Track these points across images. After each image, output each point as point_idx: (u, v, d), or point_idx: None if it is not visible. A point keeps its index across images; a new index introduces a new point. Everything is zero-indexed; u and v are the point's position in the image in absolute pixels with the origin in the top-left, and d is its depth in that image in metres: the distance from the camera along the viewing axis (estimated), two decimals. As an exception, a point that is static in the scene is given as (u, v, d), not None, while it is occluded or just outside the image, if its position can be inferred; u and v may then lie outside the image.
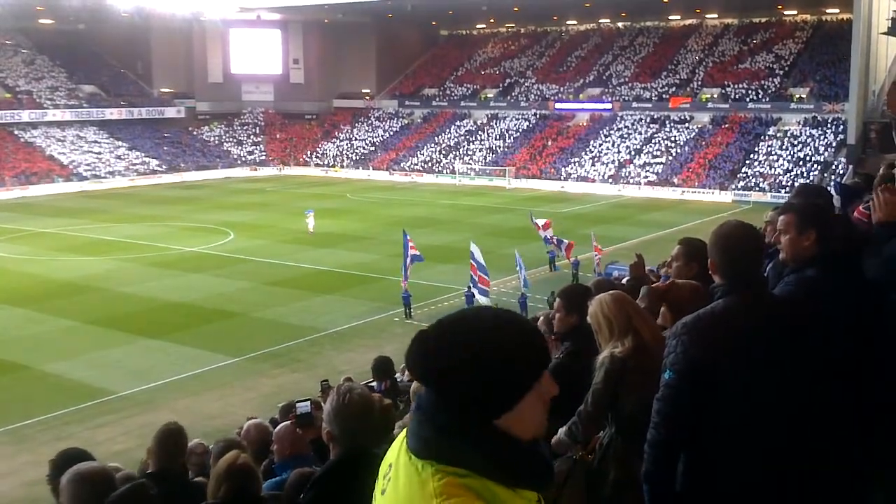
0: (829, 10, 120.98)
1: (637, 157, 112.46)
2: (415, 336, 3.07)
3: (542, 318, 13.04)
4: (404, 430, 3.18)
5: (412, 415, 3.17)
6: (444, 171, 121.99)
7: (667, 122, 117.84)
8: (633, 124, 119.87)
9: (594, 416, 6.63)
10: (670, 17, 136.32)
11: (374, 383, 17.53)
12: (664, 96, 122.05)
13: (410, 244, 51.23)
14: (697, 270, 7.76)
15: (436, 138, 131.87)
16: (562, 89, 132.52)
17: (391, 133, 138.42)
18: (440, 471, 2.91)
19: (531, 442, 3.05)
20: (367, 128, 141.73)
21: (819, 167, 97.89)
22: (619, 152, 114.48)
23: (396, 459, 3.10)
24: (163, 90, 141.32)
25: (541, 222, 59.58)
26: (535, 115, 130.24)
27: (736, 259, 5.40)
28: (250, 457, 8.46)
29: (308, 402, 9.02)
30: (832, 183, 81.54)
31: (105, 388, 39.09)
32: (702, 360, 5.14)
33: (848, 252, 6.21)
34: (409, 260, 50.95)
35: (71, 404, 37.12)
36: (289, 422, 10.39)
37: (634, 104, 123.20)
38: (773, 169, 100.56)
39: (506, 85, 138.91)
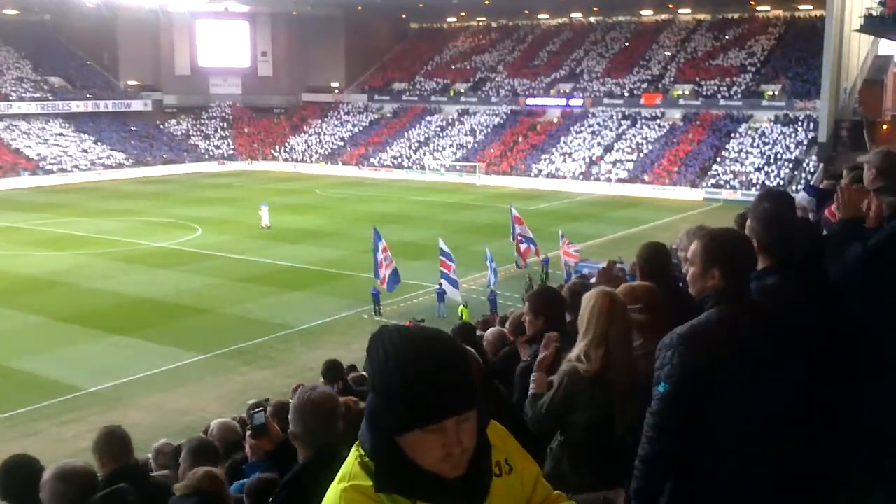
0: (801, 7, 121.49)
1: (608, 153, 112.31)
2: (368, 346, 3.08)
3: (510, 319, 12.97)
4: None
5: None
6: (414, 167, 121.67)
7: (638, 118, 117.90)
8: (604, 121, 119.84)
9: (543, 423, 6.53)
10: (642, 12, 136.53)
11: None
12: (636, 92, 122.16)
13: (382, 245, 50.71)
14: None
15: (406, 133, 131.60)
16: (533, 84, 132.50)
17: (360, 128, 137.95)
18: (362, 458, 3.07)
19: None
20: (336, 122, 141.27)
21: (790, 165, 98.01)
22: (590, 148, 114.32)
23: None
24: (129, 83, 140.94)
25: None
26: (506, 110, 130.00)
27: (735, 269, 5.25)
28: (195, 454, 8.48)
29: (262, 412, 8.75)
30: (802, 182, 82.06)
31: (73, 385, 38.96)
32: (699, 371, 5.01)
33: (809, 257, 6.10)
34: (381, 263, 50.50)
35: (38, 401, 36.99)
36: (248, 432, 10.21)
37: (606, 100, 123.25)
38: (743, 167, 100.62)
39: (476, 80, 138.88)
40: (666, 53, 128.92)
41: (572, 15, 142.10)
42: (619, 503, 5.98)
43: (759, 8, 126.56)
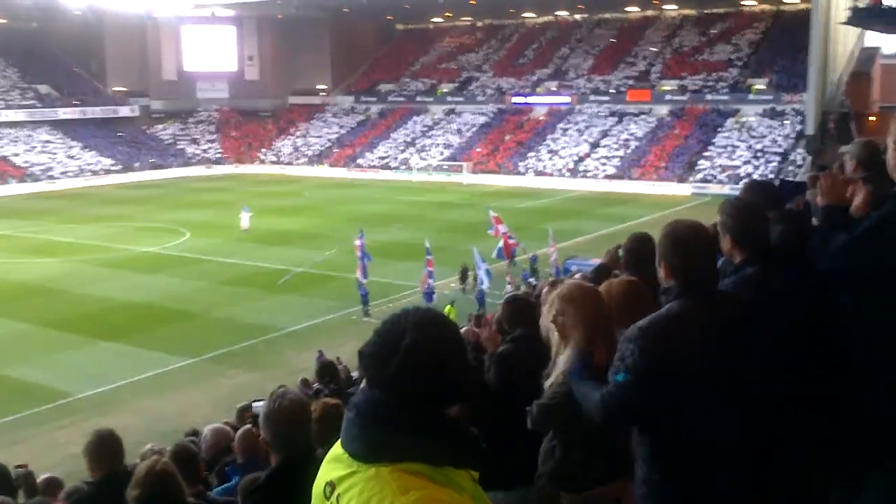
0: (787, 0, 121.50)
1: (595, 150, 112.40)
2: (379, 342, 3.19)
3: (493, 318, 13.08)
4: (335, 445, 3.28)
5: (350, 423, 3.23)
6: (401, 167, 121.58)
7: (625, 114, 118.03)
8: (591, 117, 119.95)
9: (551, 422, 6.42)
10: (628, 9, 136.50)
11: (318, 385, 17.48)
12: (622, 89, 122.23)
13: (358, 242, 51.18)
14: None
15: (392, 134, 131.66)
16: (519, 83, 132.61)
17: (348, 129, 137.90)
18: (396, 469, 3.02)
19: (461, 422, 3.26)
20: (322, 124, 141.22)
21: (778, 158, 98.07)
22: (577, 145, 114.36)
23: (340, 473, 3.16)
24: (116, 89, 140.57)
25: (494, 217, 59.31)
26: (493, 109, 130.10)
27: (690, 261, 5.31)
28: (184, 460, 8.45)
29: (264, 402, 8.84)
30: (790, 175, 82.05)
31: (63, 391, 38.84)
32: (657, 365, 5.07)
33: (789, 246, 6.16)
34: (362, 257, 50.86)
35: (29, 407, 36.86)
36: (248, 425, 10.26)
37: (592, 97, 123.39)
38: (732, 160, 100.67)
39: (462, 80, 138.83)
40: (652, 49, 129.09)
41: (557, 13, 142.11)
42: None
43: (744, 2, 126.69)
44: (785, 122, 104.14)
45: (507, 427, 6.81)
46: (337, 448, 3.25)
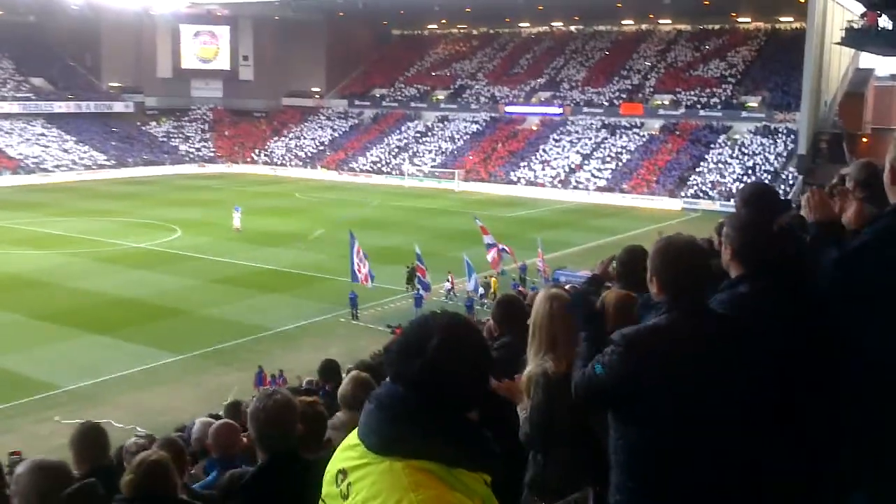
0: (782, 19, 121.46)
1: (587, 162, 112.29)
2: (405, 340, 3.22)
3: (485, 327, 13.24)
4: (351, 434, 3.31)
5: (370, 415, 3.23)
6: (393, 173, 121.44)
7: (617, 127, 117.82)
8: (583, 129, 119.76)
9: (535, 437, 6.43)
10: (623, 22, 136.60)
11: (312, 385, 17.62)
12: (615, 101, 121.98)
13: (357, 247, 50.99)
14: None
15: (385, 139, 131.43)
16: (512, 92, 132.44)
17: (340, 133, 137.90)
18: (409, 465, 3.03)
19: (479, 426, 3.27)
20: (316, 127, 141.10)
21: (770, 177, 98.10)
22: (568, 157, 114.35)
23: (353, 462, 3.17)
24: (112, 84, 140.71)
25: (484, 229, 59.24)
26: (486, 117, 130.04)
27: (680, 277, 5.30)
28: (172, 454, 8.37)
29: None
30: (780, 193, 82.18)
31: (50, 383, 38.92)
32: (632, 374, 5.12)
33: (783, 263, 6.05)
34: (358, 266, 50.73)
35: (14, 398, 36.92)
36: (225, 420, 10.26)
37: (585, 109, 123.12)
38: (723, 177, 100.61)
39: (456, 87, 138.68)
40: (646, 63, 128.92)
41: (553, 23, 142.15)
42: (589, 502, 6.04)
43: (739, 19, 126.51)
44: (777, 140, 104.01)
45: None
46: (353, 436, 3.28)
